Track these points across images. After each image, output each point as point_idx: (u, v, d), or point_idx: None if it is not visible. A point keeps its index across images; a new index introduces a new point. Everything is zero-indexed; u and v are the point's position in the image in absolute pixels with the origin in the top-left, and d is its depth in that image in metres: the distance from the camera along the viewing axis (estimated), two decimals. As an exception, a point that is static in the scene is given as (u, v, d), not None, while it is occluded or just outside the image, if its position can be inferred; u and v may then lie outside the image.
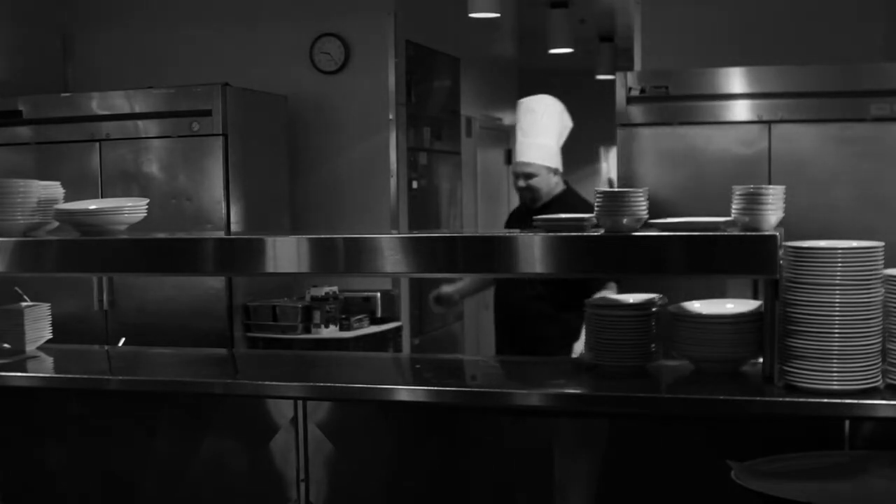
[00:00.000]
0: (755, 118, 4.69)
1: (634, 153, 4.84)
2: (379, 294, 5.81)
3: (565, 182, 4.46)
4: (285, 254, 2.98)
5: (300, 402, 3.01)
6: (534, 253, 2.76)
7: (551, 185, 4.33)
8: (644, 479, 2.79)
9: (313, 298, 5.58)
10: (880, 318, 2.57)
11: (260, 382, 3.05)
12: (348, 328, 5.60)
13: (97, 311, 5.43)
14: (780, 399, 2.60)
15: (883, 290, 2.57)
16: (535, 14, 8.30)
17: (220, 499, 3.14)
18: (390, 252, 2.84)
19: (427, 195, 6.69)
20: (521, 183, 4.33)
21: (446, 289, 4.43)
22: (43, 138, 5.55)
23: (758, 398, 2.63)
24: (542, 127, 4.31)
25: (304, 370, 3.47)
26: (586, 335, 2.96)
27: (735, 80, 4.73)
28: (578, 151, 11.51)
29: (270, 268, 3.00)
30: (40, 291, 3.71)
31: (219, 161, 5.29)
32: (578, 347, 4.04)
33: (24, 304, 3.54)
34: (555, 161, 4.33)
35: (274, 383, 3.04)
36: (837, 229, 3.21)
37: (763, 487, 2.18)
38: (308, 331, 5.50)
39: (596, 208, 2.76)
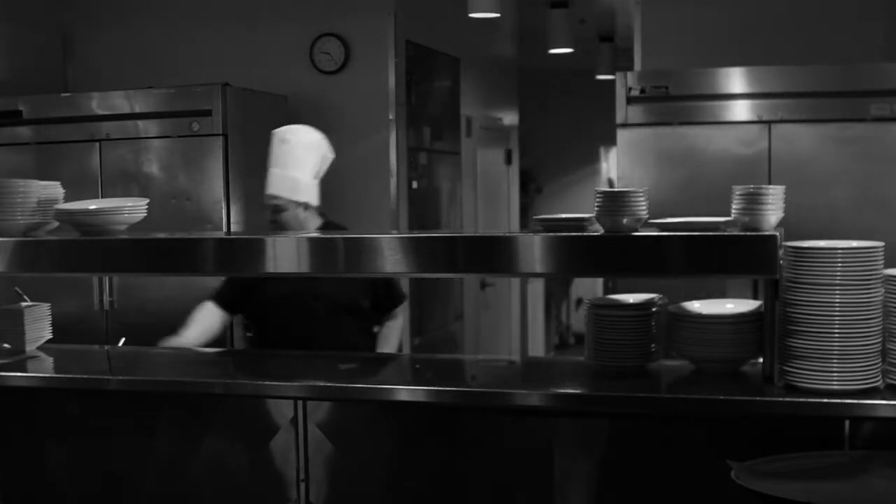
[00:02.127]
0: (755, 118, 4.69)
1: (634, 153, 4.84)
2: (379, 294, 5.79)
3: (323, 217, 4.18)
4: (285, 254, 2.98)
5: (300, 402, 3.01)
6: (534, 253, 2.76)
7: (300, 219, 4.04)
8: (644, 479, 2.79)
9: (313, 298, 5.56)
10: (880, 318, 2.57)
11: (260, 382, 3.05)
12: (348, 328, 5.57)
13: (97, 311, 5.42)
14: (780, 399, 2.60)
15: (883, 290, 2.57)
16: (535, 14, 8.29)
17: (220, 499, 3.13)
18: (390, 252, 2.85)
19: (427, 195, 6.69)
20: (270, 217, 4.06)
21: None
22: (43, 138, 5.54)
23: (758, 398, 2.63)
24: (295, 159, 4.03)
25: (304, 370, 3.47)
26: (587, 335, 2.96)
27: (735, 80, 4.73)
28: (578, 151, 11.70)
29: (270, 268, 3.00)
30: (40, 291, 3.71)
31: (219, 161, 5.28)
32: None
33: (24, 304, 3.54)
34: (305, 195, 4.03)
35: (274, 383, 3.04)
36: (837, 229, 3.21)
37: (763, 487, 2.18)
38: (308, 331, 5.49)
39: (596, 208, 2.76)
